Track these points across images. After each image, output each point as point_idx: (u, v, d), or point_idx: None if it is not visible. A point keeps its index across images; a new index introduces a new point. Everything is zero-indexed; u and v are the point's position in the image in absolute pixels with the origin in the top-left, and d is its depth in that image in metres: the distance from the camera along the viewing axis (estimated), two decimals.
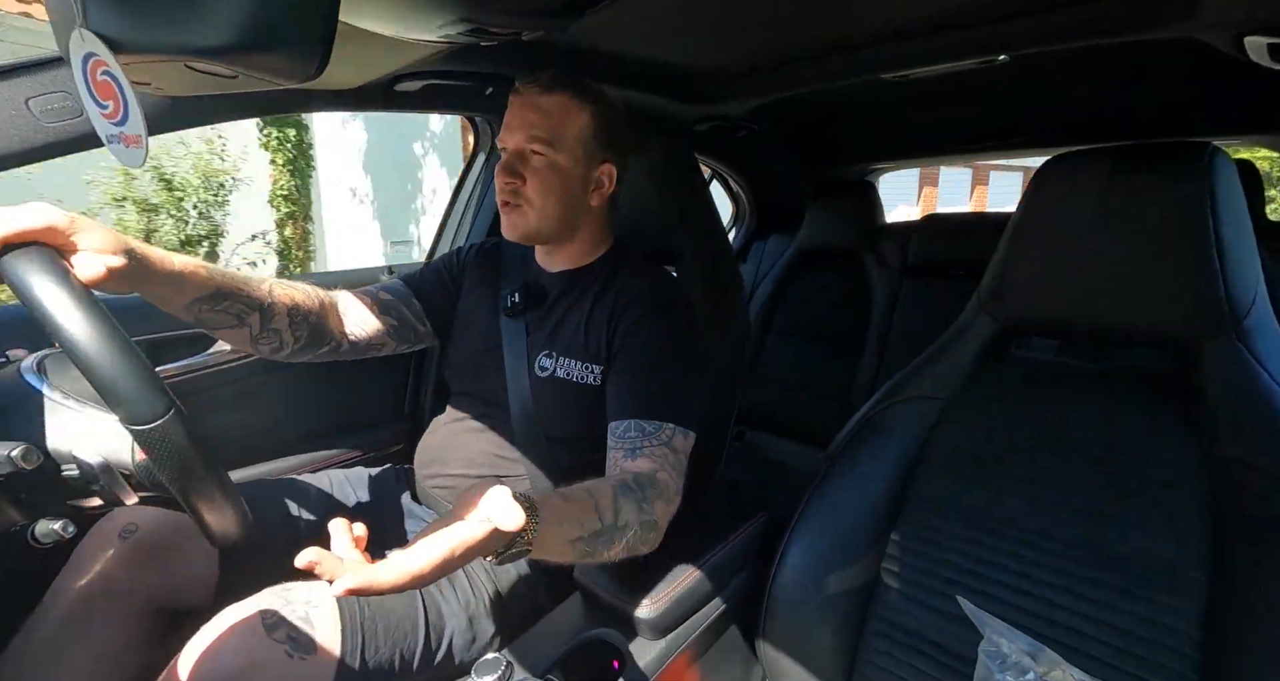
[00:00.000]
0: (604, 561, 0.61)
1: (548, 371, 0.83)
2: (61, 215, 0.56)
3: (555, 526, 0.53)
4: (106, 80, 0.47)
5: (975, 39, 0.93)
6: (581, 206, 0.83)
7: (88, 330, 0.44)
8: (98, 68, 0.47)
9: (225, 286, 0.70)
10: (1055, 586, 0.63)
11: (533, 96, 0.78)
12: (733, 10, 0.89)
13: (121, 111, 0.49)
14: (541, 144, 0.77)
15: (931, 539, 0.71)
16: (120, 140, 0.51)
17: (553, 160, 0.78)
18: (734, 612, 0.83)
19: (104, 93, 0.49)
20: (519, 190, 0.79)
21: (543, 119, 0.78)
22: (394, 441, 1.29)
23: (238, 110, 0.88)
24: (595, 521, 0.58)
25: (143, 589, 0.74)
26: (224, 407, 1.06)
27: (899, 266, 1.77)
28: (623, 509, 0.61)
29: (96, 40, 0.44)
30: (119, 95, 0.48)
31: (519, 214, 0.81)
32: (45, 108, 0.69)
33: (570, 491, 0.59)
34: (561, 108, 0.78)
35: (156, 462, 0.45)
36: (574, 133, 0.79)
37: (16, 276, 0.46)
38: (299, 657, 0.62)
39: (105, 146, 0.52)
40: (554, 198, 0.80)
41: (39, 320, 0.45)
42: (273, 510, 0.85)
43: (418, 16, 0.64)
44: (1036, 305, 0.71)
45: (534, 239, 0.84)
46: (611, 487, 0.62)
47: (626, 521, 0.60)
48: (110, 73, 0.46)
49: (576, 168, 0.80)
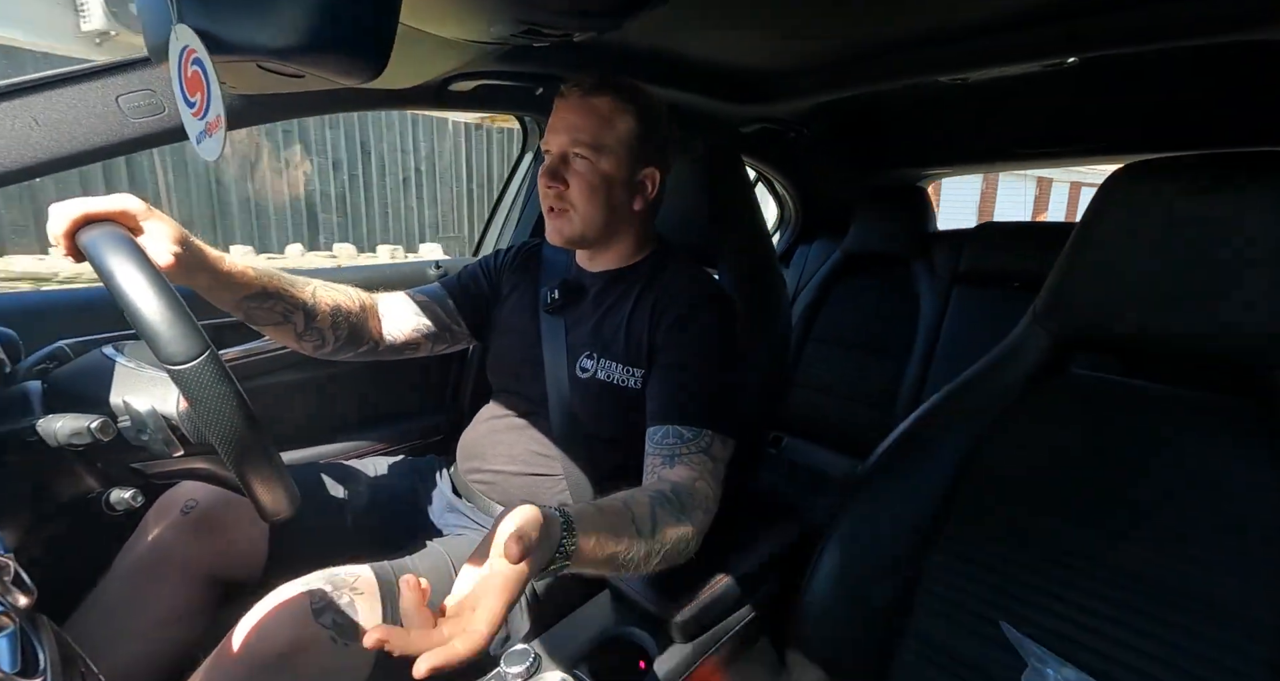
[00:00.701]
0: (641, 573, 0.60)
1: (589, 373, 0.83)
2: (140, 204, 0.61)
3: (592, 542, 0.53)
4: (196, 70, 0.50)
5: (1043, 40, 0.89)
6: (624, 210, 0.83)
7: (136, 279, 0.49)
8: (189, 59, 0.50)
9: (271, 286, 0.75)
10: (1109, 618, 0.59)
11: (576, 99, 0.79)
12: (787, 9, 0.87)
13: (206, 99, 0.52)
14: (585, 148, 0.78)
15: (974, 558, 0.69)
16: (206, 132, 0.54)
17: (596, 164, 0.79)
18: (764, 621, 0.81)
19: (193, 87, 0.52)
20: (563, 194, 0.80)
21: (586, 122, 0.78)
22: (436, 432, 1.33)
23: (301, 109, 0.93)
24: (633, 536, 0.57)
25: (199, 559, 0.78)
26: (279, 392, 1.12)
27: (949, 275, 1.71)
28: (660, 523, 0.60)
29: (192, 33, 0.47)
30: (204, 85, 0.51)
31: (564, 219, 0.81)
32: (133, 104, 0.75)
33: (608, 505, 0.59)
34: (605, 111, 0.78)
35: (194, 405, 0.48)
36: (617, 136, 0.79)
37: (90, 241, 0.53)
38: (343, 643, 0.65)
39: (193, 143, 0.56)
40: (597, 202, 0.80)
41: (99, 274, 0.50)
42: (320, 492, 0.88)
43: (473, 18, 0.66)
44: (1100, 321, 0.68)
45: (578, 244, 0.85)
46: (649, 501, 0.61)
47: (663, 536, 0.59)
48: (199, 61, 0.49)
49: (620, 171, 0.80)
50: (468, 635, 0.43)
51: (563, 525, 0.51)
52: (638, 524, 0.58)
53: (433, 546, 0.81)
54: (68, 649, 0.45)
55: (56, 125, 0.71)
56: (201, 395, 0.48)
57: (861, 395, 1.75)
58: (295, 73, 0.57)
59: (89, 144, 0.74)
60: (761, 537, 0.85)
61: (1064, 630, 0.61)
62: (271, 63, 0.53)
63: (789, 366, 1.85)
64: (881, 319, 1.79)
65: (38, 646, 0.39)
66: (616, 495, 0.61)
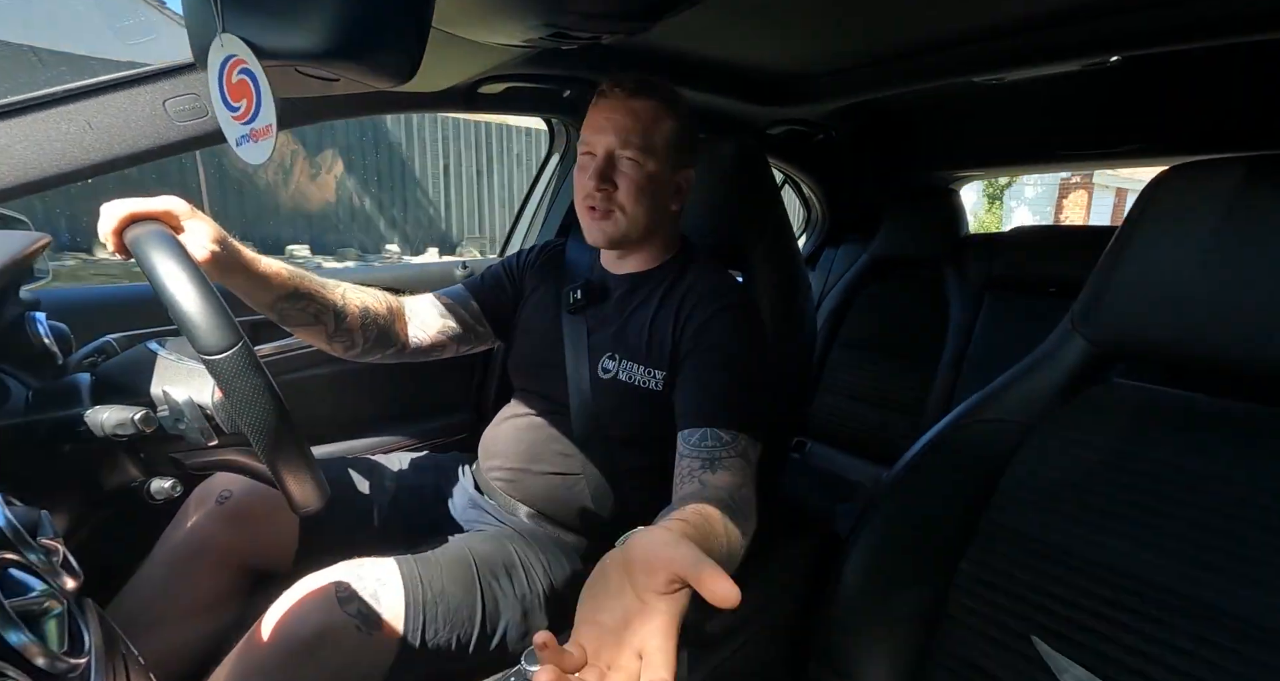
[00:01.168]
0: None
1: (610, 373, 0.84)
2: (184, 206, 0.63)
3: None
4: (243, 79, 0.52)
5: (1083, 38, 0.86)
6: (664, 212, 0.84)
7: (176, 273, 0.51)
8: (234, 69, 0.52)
9: (304, 288, 0.77)
10: (1150, 638, 0.57)
11: (620, 100, 0.79)
12: (817, 11, 0.86)
13: (254, 106, 0.54)
14: (635, 150, 0.78)
15: (1005, 571, 0.67)
16: (250, 137, 0.56)
17: (644, 166, 0.79)
18: (786, 628, 0.80)
19: (236, 94, 0.54)
20: (611, 196, 0.79)
21: (635, 124, 0.78)
22: (460, 429, 1.35)
23: (335, 111, 0.95)
24: (720, 553, 0.54)
25: (232, 548, 0.81)
26: (310, 387, 1.15)
27: (982, 280, 1.67)
28: (732, 534, 0.57)
29: (239, 42, 0.49)
30: (253, 92, 0.53)
31: (610, 221, 0.81)
32: (179, 108, 0.78)
33: (698, 523, 0.53)
34: (650, 112, 0.79)
35: (227, 394, 0.50)
36: (662, 138, 0.79)
37: (135, 238, 0.55)
38: (367, 632, 0.66)
39: (233, 146, 0.58)
40: (644, 204, 0.80)
41: (143, 270, 0.53)
42: (347, 486, 0.90)
43: (503, 21, 0.67)
44: (1143, 329, 0.65)
45: (619, 244, 0.85)
46: (722, 514, 0.58)
47: (735, 549, 0.57)
48: (249, 70, 0.51)
49: (663, 173, 0.81)
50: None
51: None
52: (716, 539, 0.55)
53: (455, 541, 0.82)
54: (110, 631, 0.46)
55: (108, 129, 0.75)
56: (234, 384, 0.50)
57: (888, 401, 1.72)
58: (331, 76, 0.58)
59: (137, 146, 0.77)
60: (784, 544, 0.84)
61: (1100, 648, 0.59)
62: (309, 66, 0.55)
63: (813, 370, 1.83)
64: (910, 324, 1.75)
65: (84, 628, 0.41)
66: (694, 509, 0.57)
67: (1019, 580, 0.65)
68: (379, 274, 1.31)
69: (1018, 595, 0.65)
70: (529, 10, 0.63)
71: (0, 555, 0.38)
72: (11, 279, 0.64)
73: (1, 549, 0.39)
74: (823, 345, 1.86)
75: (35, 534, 0.45)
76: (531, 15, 0.63)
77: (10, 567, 0.38)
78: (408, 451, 1.06)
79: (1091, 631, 0.60)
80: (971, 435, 0.74)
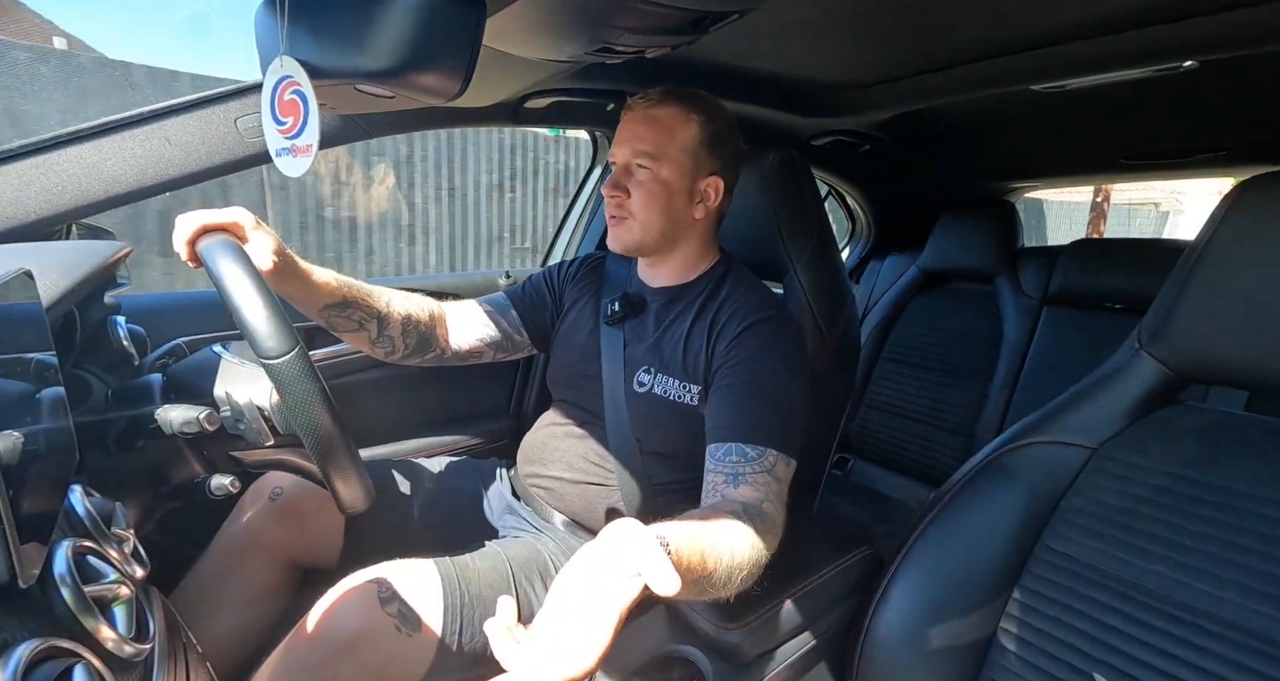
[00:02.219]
0: (718, 599, 0.57)
1: (645, 387, 0.84)
2: (250, 217, 0.67)
3: (683, 569, 0.49)
4: (294, 99, 0.56)
5: (1157, 42, 0.81)
6: (684, 218, 0.84)
7: (241, 282, 0.54)
8: (288, 88, 0.55)
9: (351, 296, 0.81)
10: (1216, 678, 0.53)
11: (643, 111, 0.81)
12: (867, 18, 0.85)
13: (300, 125, 0.57)
14: (645, 157, 0.80)
15: (1062, 601, 0.63)
16: (290, 151, 0.59)
17: (655, 172, 0.80)
18: (825, 649, 0.78)
19: (285, 111, 0.57)
20: (623, 203, 0.82)
21: (649, 132, 0.80)
22: (500, 436, 1.37)
23: (391, 127, 0.99)
24: (717, 562, 0.54)
25: (282, 543, 0.84)
26: (358, 392, 1.19)
27: (1039, 294, 1.60)
28: (738, 547, 0.57)
29: (296, 64, 0.52)
30: (302, 110, 0.56)
31: (624, 227, 0.83)
32: (248, 126, 0.83)
33: (692, 528, 0.55)
34: (669, 120, 0.80)
35: (284, 397, 0.53)
36: (680, 144, 0.80)
37: (205, 248, 0.59)
38: (406, 633, 0.68)
39: (273, 157, 0.62)
40: (656, 210, 0.81)
41: (211, 277, 0.56)
42: (391, 488, 0.93)
43: (550, 38, 0.68)
44: (1217, 349, 0.61)
45: (637, 251, 0.86)
46: (728, 525, 0.58)
47: (742, 561, 0.57)
48: (300, 91, 0.54)
49: (681, 179, 0.81)
50: (581, 654, 0.41)
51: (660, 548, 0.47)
52: (718, 548, 0.55)
53: (491, 546, 0.83)
54: (173, 619, 0.49)
55: (185, 145, 0.80)
56: (291, 388, 0.52)
57: (936, 418, 1.65)
58: (387, 94, 0.61)
59: (210, 162, 0.82)
60: (825, 563, 0.81)
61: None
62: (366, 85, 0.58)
63: (857, 386, 1.78)
64: (960, 339, 1.69)
65: (149, 615, 0.43)
66: (693, 514, 0.59)
67: (1077, 611, 0.62)
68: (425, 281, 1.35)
69: (1074, 627, 0.61)
70: (575, 27, 0.64)
71: (80, 543, 0.41)
72: (97, 285, 0.70)
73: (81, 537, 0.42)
74: (867, 360, 1.81)
75: (110, 524, 0.48)
76: (578, 32, 0.65)
77: (88, 555, 0.41)
78: (449, 455, 1.08)
79: (1150, 667, 0.56)
80: (1028, 457, 0.70)
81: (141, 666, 0.40)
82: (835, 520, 1.56)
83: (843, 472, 1.81)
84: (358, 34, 0.53)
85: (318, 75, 0.55)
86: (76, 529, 0.44)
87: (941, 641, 0.67)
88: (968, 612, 0.67)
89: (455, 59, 0.53)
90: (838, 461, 1.81)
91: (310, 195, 4.10)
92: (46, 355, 0.45)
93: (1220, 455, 0.60)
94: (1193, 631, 0.55)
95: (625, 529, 0.46)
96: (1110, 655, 0.58)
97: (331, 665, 0.64)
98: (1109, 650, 0.59)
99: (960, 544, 0.70)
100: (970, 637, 0.66)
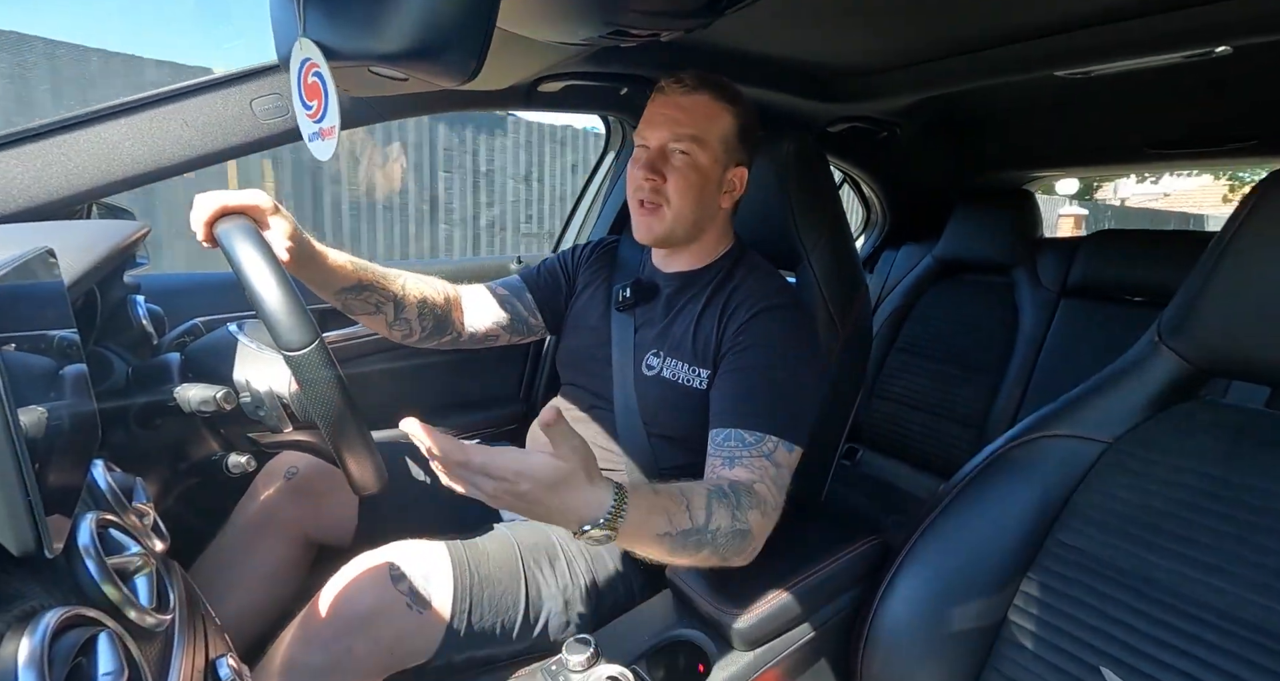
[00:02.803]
0: (694, 565, 0.61)
1: (654, 370, 0.84)
2: (268, 201, 0.68)
3: (643, 517, 0.54)
4: (315, 81, 0.56)
5: (1189, 27, 0.78)
6: (713, 208, 0.83)
7: (263, 272, 0.54)
8: (310, 71, 0.55)
9: (367, 279, 0.81)
10: (1230, 676, 0.52)
11: (677, 95, 0.79)
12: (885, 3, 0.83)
13: (322, 109, 0.57)
14: (688, 142, 0.78)
15: (1071, 595, 0.63)
16: (319, 135, 0.59)
17: (696, 159, 0.79)
18: (831, 636, 0.78)
19: (310, 94, 0.57)
20: (659, 188, 0.80)
21: (688, 117, 0.78)
22: (510, 420, 1.39)
23: (404, 109, 0.99)
24: (685, 520, 0.58)
25: (297, 521, 0.86)
26: (371, 376, 1.21)
27: (1058, 285, 1.57)
28: (715, 512, 0.60)
29: (314, 46, 0.52)
30: (323, 93, 0.56)
31: (655, 216, 0.81)
32: (264, 107, 0.83)
33: (663, 487, 0.60)
34: (706, 107, 0.79)
35: (303, 387, 0.54)
36: (717, 133, 0.79)
37: (224, 232, 0.59)
38: (416, 610, 0.69)
39: (306, 142, 0.62)
40: (691, 198, 0.80)
41: (230, 262, 0.56)
42: (403, 470, 0.94)
43: (564, 21, 0.68)
44: (1240, 343, 0.59)
45: (665, 242, 0.85)
46: (705, 490, 0.62)
47: (718, 526, 0.60)
48: (320, 74, 0.54)
49: (714, 168, 0.80)
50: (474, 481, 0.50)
51: (615, 491, 0.52)
52: (691, 511, 0.58)
53: (500, 529, 0.84)
54: (192, 592, 0.50)
55: (203, 127, 0.81)
56: (310, 378, 0.53)
57: (947, 410, 1.64)
58: (401, 76, 0.61)
59: (227, 143, 0.82)
60: (832, 552, 0.82)
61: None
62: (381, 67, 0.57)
63: (868, 376, 1.77)
64: (975, 330, 1.67)
65: (169, 587, 0.45)
66: (674, 483, 0.62)
67: (1086, 605, 0.61)
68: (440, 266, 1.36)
69: (1083, 621, 0.61)
70: (589, 9, 0.63)
71: (102, 516, 0.42)
72: (117, 265, 0.71)
73: (104, 510, 0.43)
74: (879, 350, 1.79)
75: (131, 498, 0.49)
76: (592, 14, 0.64)
77: (110, 528, 0.42)
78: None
79: (1162, 664, 0.56)
80: (1041, 450, 0.70)
81: (162, 636, 0.41)
82: (843, 509, 1.56)
83: (851, 462, 1.80)
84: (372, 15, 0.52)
85: (333, 57, 0.55)
86: (99, 502, 0.46)
87: (948, 631, 0.67)
88: (975, 604, 0.67)
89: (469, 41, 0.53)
90: (847, 451, 1.81)
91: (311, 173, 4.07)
92: (69, 332, 0.45)
93: (1240, 452, 0.59)
94: (1206, 628, 0.55)
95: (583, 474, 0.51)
96: (1119, 649, 0.58)
97: (346, 639, 0.66)
98: (1118, 644, 0.58)
99: (969, 535, 0.70)
100: (979, 628, 0.67)
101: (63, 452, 0.39)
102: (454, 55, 0.54)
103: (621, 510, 0.52)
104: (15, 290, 0.38)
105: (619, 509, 0.52)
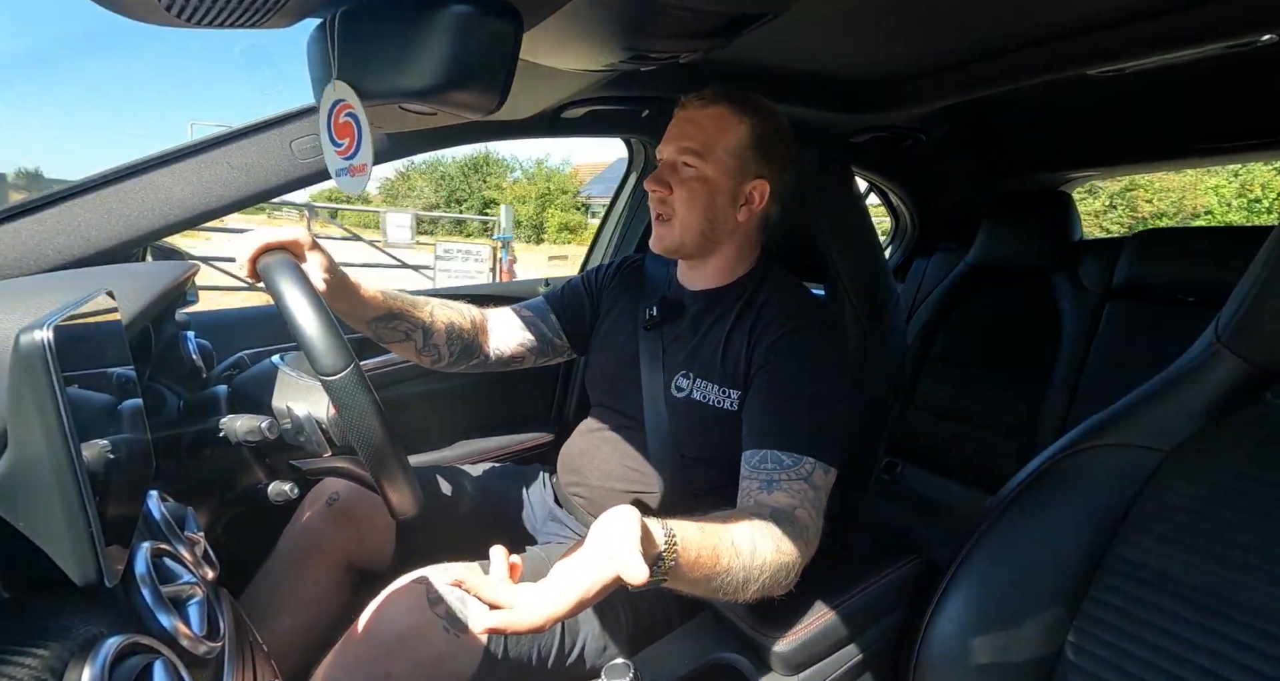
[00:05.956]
0: (739, 600, 0.59)
1: (684, 392, 0.83)
2: (307, 237, 0.71)
3: (692, 559, 0.53)
4: (348, 121, 0.58)
5: (1227, 15, 0.76)
6: (726, 221, 0.83)
7: (302, 303, 0.56)
8: (342, 111, 0.58)
9: (396, 308, 0.84)
10: None
11: (693, 111, 0.81)
12: (904, 7, 0.82)
13: (355, 146, 0.60)
14: (691, 155, 0.79)
15: (1137, 614, 0.59)
16: (347, 171, 0.62)
17: (700, 171, 0.79)
18: (876, 660, 0.75)
19: (341, 132, 0.60)
20: (665, 199, 0.82)
21: (697, 131, 0.80)
22: (541, 443, 1.39)
23: (434, 142, 1.03)
24: (731, 559, 0.56)
25: (339, 546, 0.88)
26: (406, 401, 1.23)
27: (1102, 288, 1.51)
28: (759, 549, 0.58)
29: (348, 88, 0.55)
30: (355, 132, 0.58)
31: (667, 227, 0.83)
32: (302, 147, 0.87)
33: (708, 525, 0.58)
34: (718, 120, 0.79)
35: (341, 411, 0.55)
36: (727, 145, 0.79)
37: (266, 266, 0.61)
38: (453, 634, 0.69)
39: (334, 177, 0.65)
40: (698, 209, 0.81)
41: (271, 295, 0.59)
42: (438, 494, 0.95)
43: (583, 48, 0.69)
44: None
45: (676, 252, 0.86)
46: (749, 526, 0.60)
47: (763, 562, 0.58)
48: (353, 114, 0.57)
49: (724, 180, 0.80)
50: (535, 609, 0.46)
51: (665, 539, 0.51)
52: (736, 547, 0.57)
53: (533, 551, 0.84)
54: (240, 619, 0.52)
55: (246, 169, 0.85)
56: (347, 402, 0.54)
57: (990, 420, 1.58)
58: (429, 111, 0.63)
59: (269, 183, 0.87)
60: (875, 570, 0.79)
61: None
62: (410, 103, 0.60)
63: (904, 388, 1.73)
64: (1015, 337, 1.61)
65: (219, 614, 0.46)
66: (714, 515, 0.60)
67: (1153, 625, 0.58)
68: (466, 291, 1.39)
69: (1150, 642, 0.57)
70: (608, 36, 0.65)
71: (157, 545, 0.43)
72: (169, 304, 0.74)
73: (158, 540, 0.45)
74: (915, 361, 1.75)
75: (182, 528, 0.51)
76: (611, 40, 0.65)
77: (164, 557, 0.44)
78: (492, 461, 1.10)
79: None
80: (1094, 460, 0.67)
81: (213, 664, 0.42)
82: (884, 526, 1.51)
83: (891, 477, 1.75)
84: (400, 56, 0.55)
85: (365, 97, 0.57)
86: (154, 532, 0.47)
87: (1003, 656, 0.64)
88: (1032, 626, 0.64)
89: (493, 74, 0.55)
90: (886, 465, 1.75)
91: None
92: (126, 369, 0.48)
93: None
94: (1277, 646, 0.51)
95: (618, 516, 0.49)
96: (1193, 672, 0.54)
97: (385, 662, 0.66)
98: (1191, 667, 0.55)
99: (1022, 552, 0.67)
100: (1035, 652, 0.63)
101: (121, 485, 0.41)
102: (479, 89, 0.56)
103: (673, 553, 0.51)
104: (79, 331, 0.41)
105: (670, 551, 0.51)
